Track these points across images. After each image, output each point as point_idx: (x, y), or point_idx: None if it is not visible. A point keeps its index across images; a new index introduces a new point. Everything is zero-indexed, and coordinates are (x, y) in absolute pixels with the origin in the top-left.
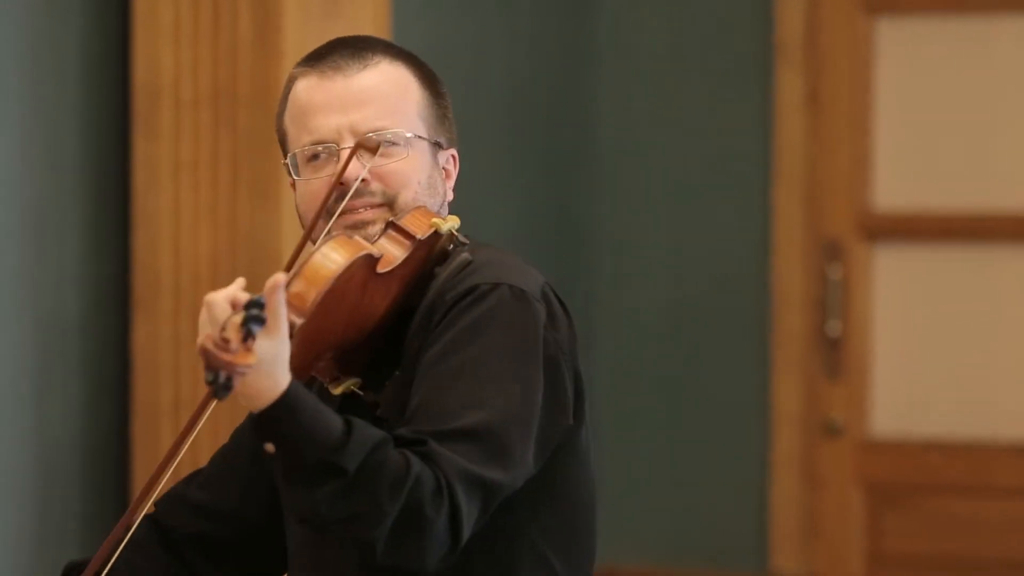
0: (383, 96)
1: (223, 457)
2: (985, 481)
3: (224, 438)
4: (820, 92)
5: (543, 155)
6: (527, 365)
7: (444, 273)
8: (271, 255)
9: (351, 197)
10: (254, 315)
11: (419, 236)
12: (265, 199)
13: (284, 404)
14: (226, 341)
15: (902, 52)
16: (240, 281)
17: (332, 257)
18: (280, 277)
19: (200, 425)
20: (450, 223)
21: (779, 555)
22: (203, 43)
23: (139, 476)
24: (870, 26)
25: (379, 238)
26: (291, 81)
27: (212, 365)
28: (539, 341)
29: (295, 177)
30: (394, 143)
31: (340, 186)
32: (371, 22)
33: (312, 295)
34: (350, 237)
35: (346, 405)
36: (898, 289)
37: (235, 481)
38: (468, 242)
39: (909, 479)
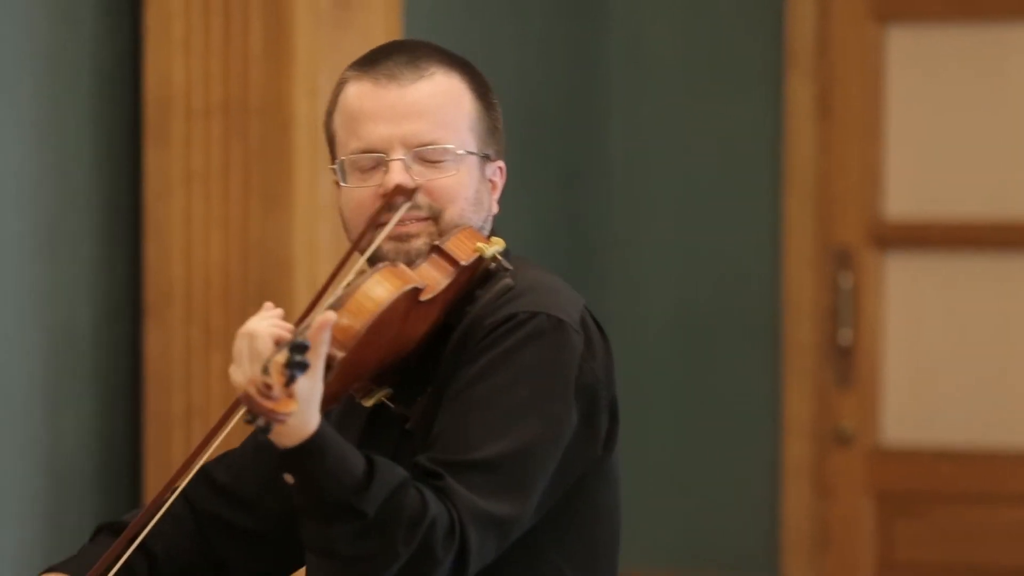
0: (436, 109)
1: (248, 446)
2: (997, 489)
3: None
4: (831, 100)
5: (554, 163)
6: (555, 397)
7: (485, 297)
8: (282, 264)
9: (397, 209)
10: (299, 361)
11: (463, 263)
12: (276, 208)
13: (311, 445)
14: (268, 387)
15: (913, 60)
16: (271, 308)
17: (377, 291)
18: (330, 317)
19: (226, 431)
20: (494, 247)
21: (790, 563)
22: (214, 53)
23: (151, 485)
24: (881, 34)
25: (423, 262)
26: (343, 83)
27: (253, 411)
28: (573, 371)
29: (342, 183)
30: (443, 156)
31: (386, 197)
32: (382, 33)
33: (355, 329)
34: (395, 266)
35: (375, 416)
36: (909, 297)
37: (257, 471)
38: (511, 268)
39: (920, 487)
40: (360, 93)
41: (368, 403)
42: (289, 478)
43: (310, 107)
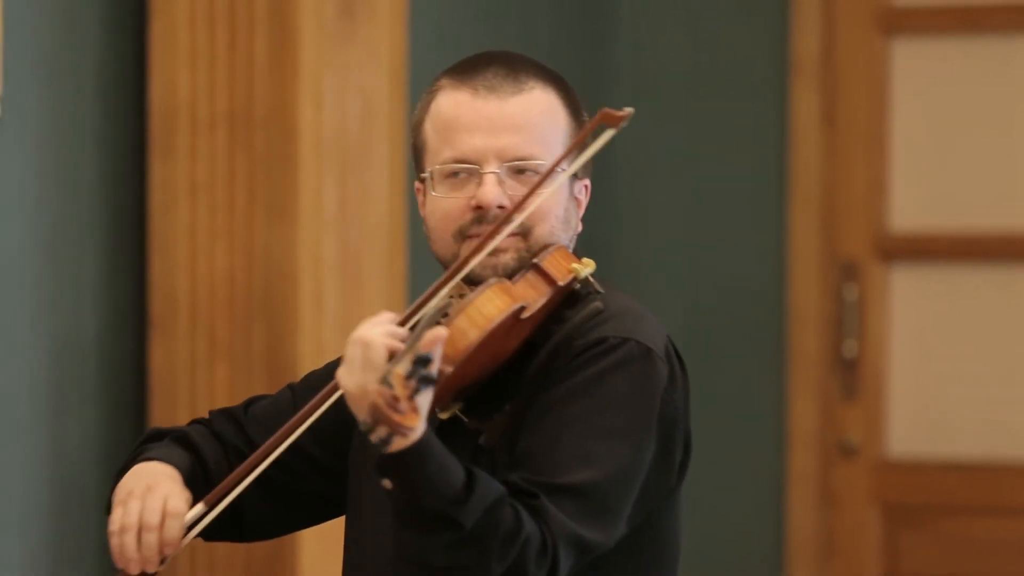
0: (534, 124)
1: (281, 407)
2: (1002, 502)
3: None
4: (836, 112)
5: None
6: (641, 425)
7: (574, 318)
8: (287, 275)
9: (488, 222)
10: (426, 376)
11: (560, 283)
12: (281, 219)
13: (416, 452)
14: (396, 399)
15: (918, 72)
16: (389, 315)
17: (488, 308)
18: (442, 332)
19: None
20: (587, 268)
21: (795, 575)
22: (219, 64)
23: None
24: (886, 46)
25: (520, 279)
26: (436, 91)
27: (380, 421)
28: (657, 401)
29: (432, 192)
30: (537, 172)
31: (478, 210)
32: (387, 44)
33: (464, 345)
34: (502, 283)
35: (445, 429)
36: (914, 309)
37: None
38: (603, 290)
39: (925, 499)
40: (457, 102)
41: (444, 416)
42: (387, 483)
43: (315, 118)
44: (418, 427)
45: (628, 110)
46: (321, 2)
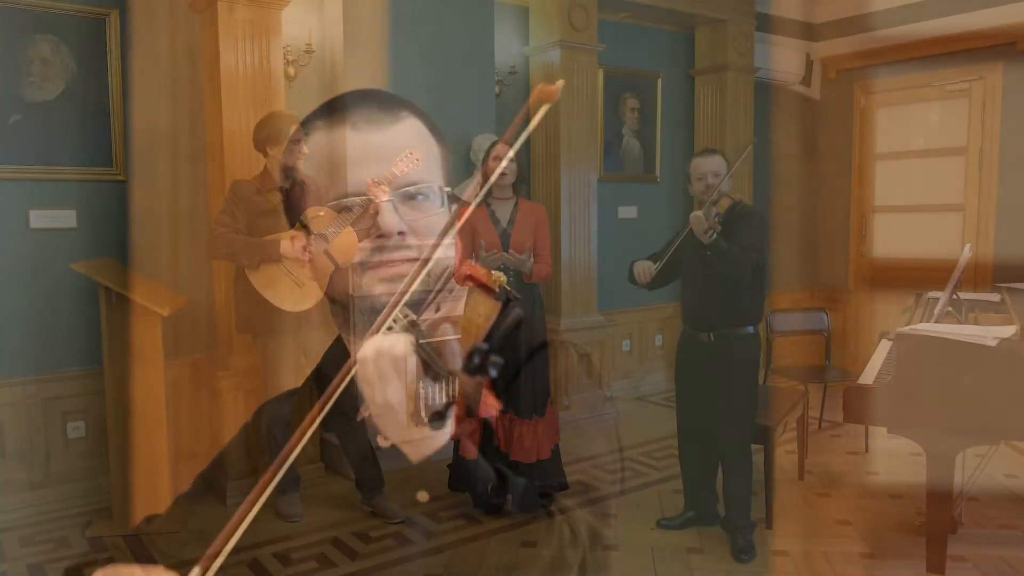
0: (417, 149)
1: None
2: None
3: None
4: (815, 143)
5: None
6: None
7: None
8: (268, 303)
9: (389, 251)
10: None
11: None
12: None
13: None
14: None
15: (896, 102)
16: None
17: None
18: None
19: None
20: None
21: None
22: (200, 96)
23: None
24: (864, 77)
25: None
26: (307, 132)
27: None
28: None
29: (327, 236)
30: (427, 196)
31: (379, 239)
32: (368, 76)
33: None
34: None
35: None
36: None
37: None
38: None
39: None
40: (335, 138)
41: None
42: None
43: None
44: None
45: (560, 82)
46: (302, 34)
